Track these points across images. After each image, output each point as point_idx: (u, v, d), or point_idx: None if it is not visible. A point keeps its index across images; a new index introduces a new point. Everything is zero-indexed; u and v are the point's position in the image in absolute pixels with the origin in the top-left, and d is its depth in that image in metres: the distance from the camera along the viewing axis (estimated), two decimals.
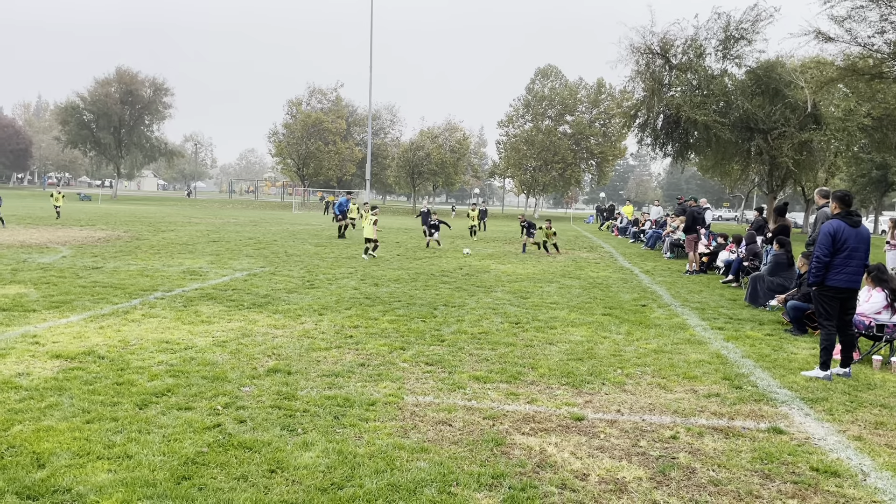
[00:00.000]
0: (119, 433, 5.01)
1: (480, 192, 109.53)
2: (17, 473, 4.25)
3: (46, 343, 7.57)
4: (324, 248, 21.76)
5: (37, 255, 16.05)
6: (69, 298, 10.41)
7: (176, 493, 4.11)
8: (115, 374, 6.47)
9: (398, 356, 7.70)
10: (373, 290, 12.70)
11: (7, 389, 5.88)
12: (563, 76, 72.27)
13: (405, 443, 5.09)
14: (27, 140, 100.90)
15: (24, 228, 24.72)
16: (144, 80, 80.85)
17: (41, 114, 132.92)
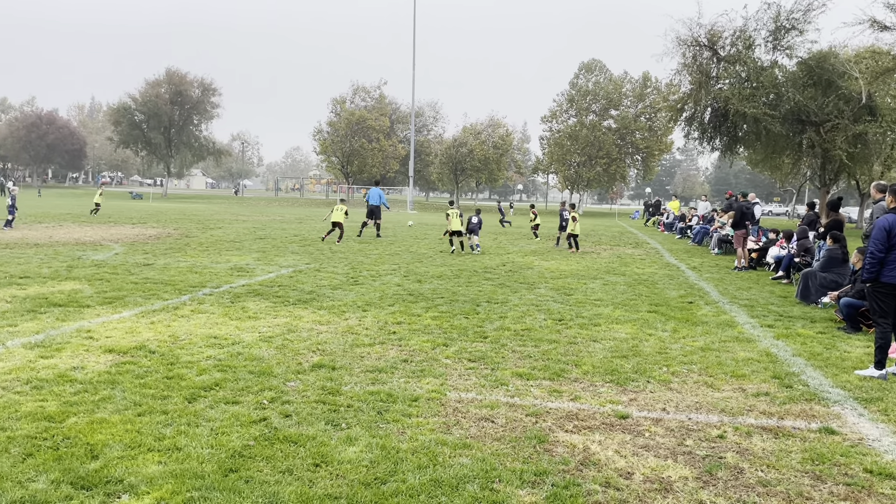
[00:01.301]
0: (169, 426, 5.14)
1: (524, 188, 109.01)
2: (72, 464, 4.40)
3: (100, 338, 7.81)
4: (367, 244, 21.93)
5: (91, 253, 16.56)
6: (122, 294, 10.71)
7: (223, 485, 4.19)
8: (166, 369, 6.64)
9: (441, 352, 7.72)
10: (416, 286, 12.76)
11: (63, 382, 6.09)
12: (607, 70, 71.41)
13: (448, 439, 5.10)
14: (82, 140, 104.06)
15: (78, 226, 25.53)
16: (193, 80, 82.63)
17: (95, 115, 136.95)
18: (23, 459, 4.44)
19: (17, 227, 23.57)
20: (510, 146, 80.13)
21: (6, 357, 6.84)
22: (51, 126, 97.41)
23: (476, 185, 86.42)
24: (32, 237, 20.27)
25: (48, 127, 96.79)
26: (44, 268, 13.42)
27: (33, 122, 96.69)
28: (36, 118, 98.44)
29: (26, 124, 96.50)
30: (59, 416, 5.25)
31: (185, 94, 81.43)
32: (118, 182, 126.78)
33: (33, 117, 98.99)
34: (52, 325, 8.39)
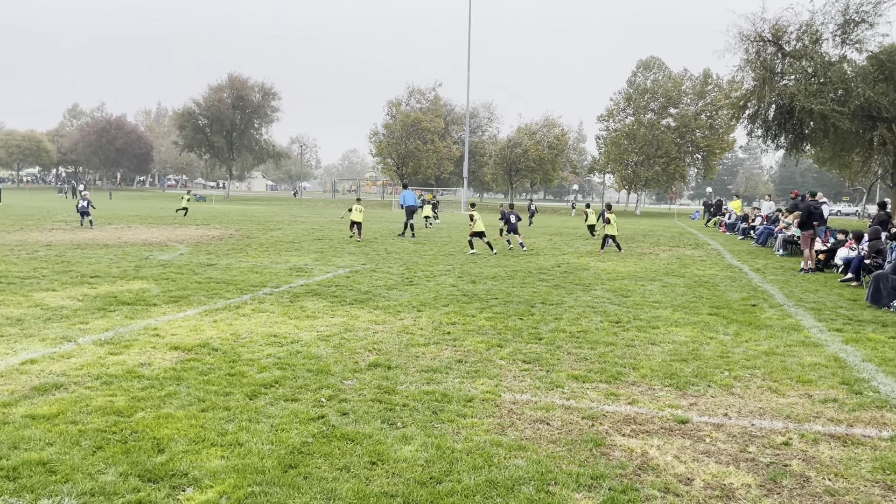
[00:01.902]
0: (231, 422, 5.28)
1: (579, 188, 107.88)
2: (140, 457, 4.56)
3: (166, 335, 8.07)
4: (422, 245, 22.06)
5: (157, 253, 17.14)
6: (186, 294, 11.05)
7: (283, 480, 4.28)
8: (228, 366, 6.82)
9: (495, 353, 7.71)
10: (470, 287, 12.77)
11: (131, 378, 6.32)
12: (666, 67, 69.99)
13: (503, 440, 5.09)
14: (149, 145, 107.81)
15: (146, 228, 26.45)
16: (254, 85, 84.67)
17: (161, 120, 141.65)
18: (93, 452, 4.62)
19: (88, 230, 24.58)
20: (565, 146, 79.36)
21: (78, 353, 7.14)
22: (119, 131, 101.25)
23: (531, 186, 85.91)
24: (103, 238, 21.10)
25: (117, 132, 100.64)
26: (113, 267, 13.95)
27: (103, 128, 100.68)
28: (106, 123, 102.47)
29: (96, 129, 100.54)
30: (127, 410, 5.45)
31: (246, 98, 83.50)
32: (183, 185, 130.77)
33: (103, 122, 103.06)
34: (120, 322, 8.72)
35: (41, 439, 4.78)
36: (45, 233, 22.39)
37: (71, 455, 4.53)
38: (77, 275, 12.68)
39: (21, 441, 4.73)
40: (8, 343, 7.45)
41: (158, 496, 4.03)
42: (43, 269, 13.28)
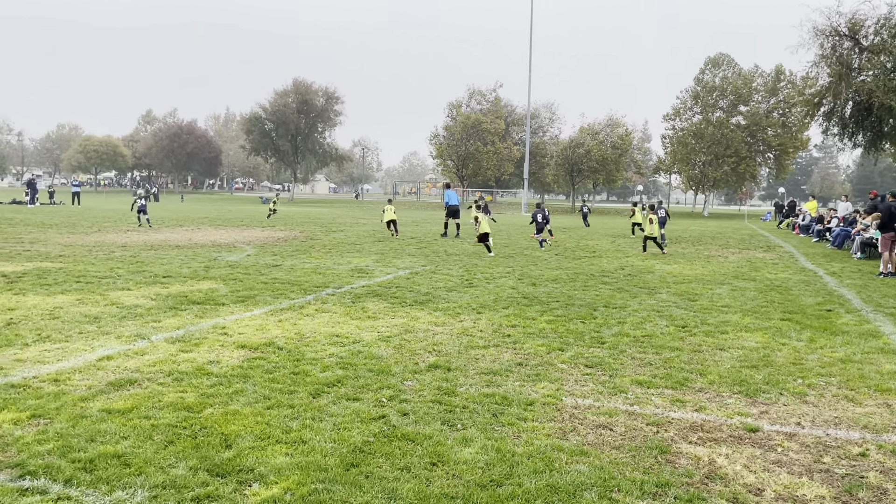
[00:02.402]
0: (295, 419, 5.38)
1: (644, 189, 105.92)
2: (209, 452, 4.69)
3: (233, 334, 8.30)
4: (482, 247, 22.02)
5: (225, 254, 17.64)
6: (253, 294, 11.33)
7: (345, 478, 4.34)
8: (292, 365, 6.96)
9: (556, 357, 7.62)
10: (530, 289, 12.67)
11: (200, 375, 6.52)
12: (735, 64, 67.91)
13: (564, 444, 5.03)
14: (217, 149, 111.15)
15: (215, 229, 27.27)
16: (318, 89, 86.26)
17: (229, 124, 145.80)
18: (165, 446, 4.78)
19: (160, 230, 25.51)
20: (630, 146, 77.97)
21: (151, 350, 7.41)
22: (190, 136, 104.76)
23: (593, 187, 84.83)
24: (174, 239, 21.86)
25: (188, 136, 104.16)
26: (184, 268, 14.43)
27: (175, 133, 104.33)
28: (177, 129, 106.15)
29: (169, 134, 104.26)
30: (196, 406, 5.62)
31: (310, 102, 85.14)
32: (249, 188, 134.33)
33: (175, 128, 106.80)
34: (191, 321, 9.01)
35: (116, 433, 4.97)
36: (121, 234, 23.35)
37: (144, 449, 4.70)
38: (150, 275, 13.17)
39: (97, 434, 4.93)
40: (86, 340, 7.79)
41: (226, 490, 4.14)
42: (119, 269, 13.84)
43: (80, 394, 5.84)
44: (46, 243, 19.11)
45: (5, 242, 18.98)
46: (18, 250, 16.99)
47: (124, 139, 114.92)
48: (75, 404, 5.56)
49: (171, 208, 49.52)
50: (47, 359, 6.93)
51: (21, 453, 4.57)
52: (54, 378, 6.26)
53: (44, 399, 5.66)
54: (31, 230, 23.71)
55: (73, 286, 11.51)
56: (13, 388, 5.92)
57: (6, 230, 23.27)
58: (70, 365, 6.72)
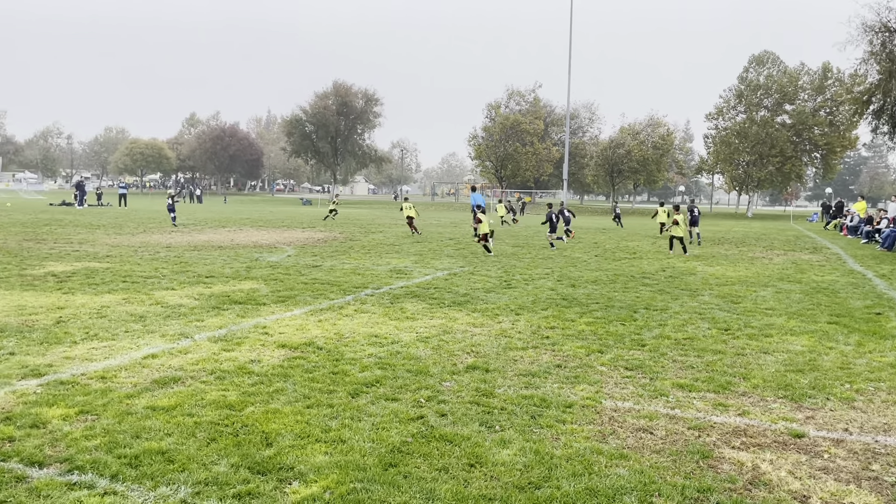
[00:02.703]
0: (334, 419, 5.43)
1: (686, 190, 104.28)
2: (250, 450, 4.76)
3: (274, 334, 8.41)
4: (521, 248, 21.95)
5: (267, 255, 17.90)
6: (293, 294, 11.47)
7: (384, 478, 4.36)
8: (331, 364, 7.02)
9: (596, 359, 7.55)
10: (570, 291, 12.58)
11: (242, 374, 6.62)
12: (780, 62, 66.43)
13: (603, 448, 4.97)
14: (259, 151, 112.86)
15: (256, 230, 27.69)
16: (357, 91, 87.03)
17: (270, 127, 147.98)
18: (207, 443, 4.87)
19: (203, 231, 26.00)
20: (671, 146, 76.88)
21: (194, 349, 7.55)
22: (233, 138, 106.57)
23: (634, 187, 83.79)
24: (217, 240, 22.26)
25: (230, 139, 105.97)
26: (226, 268, 14.68)
27: (218, 135, 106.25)
28: (220, 131, 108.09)
29: (212, 137, 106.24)
30: (238, 404, 5.71)
31: (350, 104, 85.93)
32: (290, 189, 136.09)
33: (218, 130, 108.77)
34: (233, 320, 9.16)
35: (160, 430, 5.08)
36: (165, 235, 23.87)
37: (187, 445, 4.80)
38: (194, 275, 13.43)
39: (142, 431, 5.05)
40: (132, 338, 7.98)
41: (266, 488, 4.20)
42: (163, 270, 14.15)
43: (126, 391, 5.98)
44: (94, 244, 19.64)
45: (55, 243, 19.56)
46: (68, 250, 17.50)
47: (169, 142, 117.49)
48: (121, 401, 5.70)
49: (213, 210, 50.47)
50: (95, 356, 7.12)
51: (69, 448, 4.70)
52: (101, 375, 6.43)
53: (91, 396, 5.81)
54: (80, 231, 24.39)
55: (120, 286, 11.80)
56: (62, 385, 6.09)
57: (56, 231, 23.98)
58: (116, 363, 6.89)
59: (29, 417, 5.23)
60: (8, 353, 7.09)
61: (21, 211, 38.53)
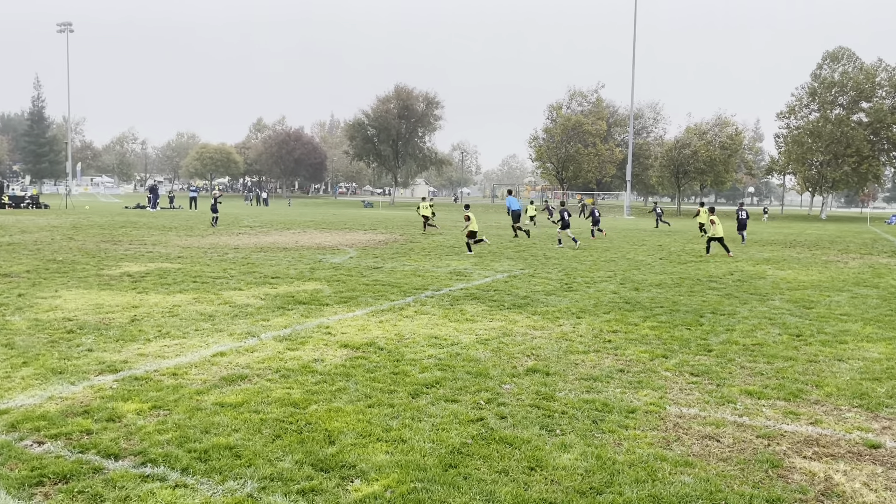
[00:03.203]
0: (395, 419, 5.49)
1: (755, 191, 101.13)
2: (313, 447, 4.86)
3: (337, 334, 8.55)
4: (582, 251, 21.70)
5: (329, 256, 18.22)
6: (355, 295, 11.65)
7: (443, 479, 4.38)
8: (392, 365, 7.10)
9: (660, 364, 7.40)
10: (633, 294, 12.36)
11: (306, 373, 6.76)
12: (857, 58, 63.75)
13: (668, 454, 4.87)
14: (323, 155, 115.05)
15: (319, 232, 28.23)
16: (419, 95, 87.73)
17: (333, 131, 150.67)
18: (272, 440, 4.99)
19: (269, 233, 26.65)
20: (740, 146, 74.64)
21: (260, 348, 7.75)
22: (297, 142, 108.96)
23: (700, 189, 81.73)
24: (282, 242, 22.79)
25: (295, 143, 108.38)
26: (291, 269, 15.01)
27: (283, 140, 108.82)
28: (286, 136, 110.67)
29: (277, 141, 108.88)
30: (302, 402, 5.83)
31: (411, 108, 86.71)
32: (352, 192, 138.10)
33: (283, 135, 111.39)
34: (297, 320, 9.36)
35: (228, 426, 5.24)
36: (233, 237, 24.57)
37: (253, 441, 4.93)
38: (260, 276, 13.79)
39: (211, 426, 5.21)
40: (201, 337, 8.24)
41: (329, 485, 4.27)
42: (231, 270, 14.57)
43: (196, 387, 6.19)
44: (167, 245, 20.39)
45: (130, 244, 20.39)
46: (142, 252, 18.21)
47: (237, 146, 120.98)
48: (191, 397, 5.90)
49: (278, 212, 51.68)
50: (167, 354, 7.39)
51: (143, 442, 4.89)
52: (173, 372, 6.67)
53: (163, 392, 6.04)
54: (153, 233, 25.35)
55: (190, 286, 12.21)
56: (136, 381, 6.35)
57: (131, 233, 24.99)
58: (187, 360, 7.14)
59: (105, 411, 5.47)
60: (86, 350, 7.43)
61: (98, 214, 40.32)
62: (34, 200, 47.84)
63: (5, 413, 5.36)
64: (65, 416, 5.33)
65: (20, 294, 10.85)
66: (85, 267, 14.55)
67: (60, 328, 8.46)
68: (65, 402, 5.67)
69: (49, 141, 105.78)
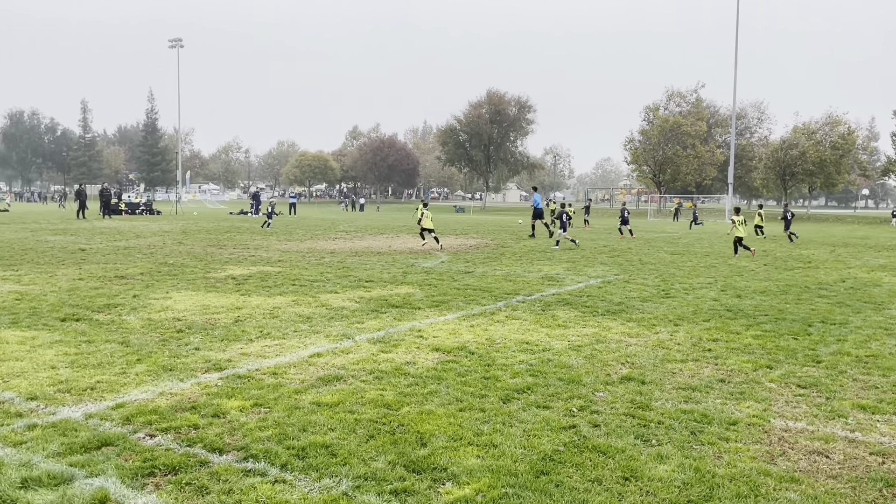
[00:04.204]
0: (486, 423, 5.49)
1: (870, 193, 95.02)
2: (405, 449, 4.93)
3: (428, 337, 8.65)
4: (680, 256, 21.01)
5: (421, 261, 18.45)
6: (446, 299, 11.74)
7: (535, 485, 4.34)
8: (483, 369, 7.11)
9: (764, 375, 7.06)
10: (735, 301, 11.86)
11: (398, 375, 6.87)
12: None
13: (772, 469, 4.64)
14: (415, 160, 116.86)
15: (412, 237, 28.62)
16: (511, 99, 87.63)
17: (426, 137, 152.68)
18: (366, 440, 5.10)
19: (364, 238, 27.27)
20: (852, 145, 70.31)
21: (355, 349, 7.94)
22: (391, 149, 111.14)
23: (809, 191, 77.52)
24: (376, 246, 23.27)
25: (389, 150, 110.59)
26: (384, 273, 15.31)
27: (378, 146, 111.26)
28: (380, 143, 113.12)
29: (372, 148, 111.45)
30: (395, 404, 5.93)
31: (503, 112, 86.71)
32: (444, 197, 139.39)
33: (377, 142, 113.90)
34: (390, 323, 9.53)
35: (325, 424, 5.39)
36: (330, 241, 25.29)
37: (348, 441, 5.05)
38: (355, 279, 14.13)
39: (309, 425, 5.38)
40: (300, 338, 8.53)
41: (421, 487, 4.32)
42: (328, 274, 15.00)
43: (295, 387, 6.40)
44: (268, 249, 21.23)
45: (234, 248, 21.37)
46: (245, 255, 19.04)
47: (333, 154, 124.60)
48: (290, 396, 6.11)
49: (371, 217, 52.85)
50: (267, 353, 7.69)
51: (245, 438, 5.11)
52: (273, 371, 6.93)
53: (264, 390, 6.29)
54: (255, 238, 26.46)
55: (290, 289, 12.66)
56: (239, 379, 6.64)
57: (235, 238, 26.18)
58: (286, 360, 7.40)
59: (211, 408, 5.75)
60: (194, 349, 7.83)
61: (206, 219, 42.48)
62: (148, 207, 50.98)
63: (121, 407, 5.73)
64: (174, 411, 5.64)
65: (135, 295, 11.58)
66: (193, 270, 15.36)
67: (171, 328, 8.97)
68: (174, 398, 6.00)
69: (161, 151, 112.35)
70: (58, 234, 26.52)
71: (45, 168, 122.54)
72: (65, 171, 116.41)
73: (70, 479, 4.33)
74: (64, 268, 15.21)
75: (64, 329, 8.71)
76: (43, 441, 4.94)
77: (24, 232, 27.09)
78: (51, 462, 4.58)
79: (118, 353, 7.52)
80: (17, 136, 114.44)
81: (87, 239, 24.00)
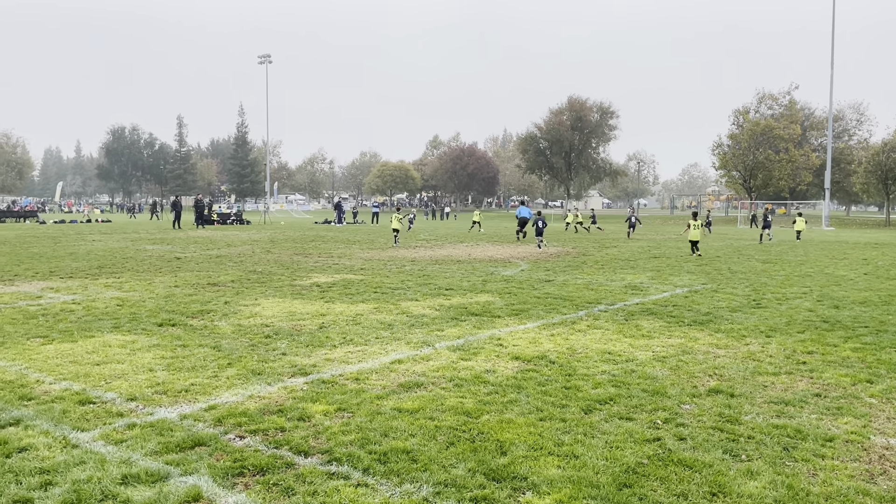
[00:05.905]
0: (567, 433, 5.42)
1: None
2: (485, 457, 4.93)
3: (508, 346, 8.62)
4: (772, 265, 20.15)
5: (501, 269, 18.42)
6: (526, 307, 11.67)
7: (617, 498, 4.25)
8: (564, 379, 7.02)
9: (863, 389, 6.68)
10: (832, 312, 11.28)
11: (478, 383, 6.88)
12: None
13: (871, 489, 4.38)
14: (495, 169, 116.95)
15: (492, 245, 28.63)
16: (592, 105, 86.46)
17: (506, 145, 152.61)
18: (446, 447, 5.13)
19: (444, 246, 27.47)
20: None
21: (435, 357, 8.01)
22: (471, 157, 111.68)
23: None
24: (456, 255, 23.39)
25: (469, 158, 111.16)
26: (464, 281, 15.37)
27: (458, 155, 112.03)
28: (460, 151, 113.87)
29: (452, 157, 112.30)
30: (474, 412, 5.94)
31: (584, 119, 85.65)
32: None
33: (458, 151, 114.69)
34: (470, 331, 9.56)
35: (405, 430, 5.46)
36: (411, 250, 25.61)
37: (428, 447, 5.10)
38: (435, 287, 14.25)
39: (390, 430, 5.46)
40: (381, 345, 8.67)
41: (501, 495, 4.31)
42: (408, 282, 15.19)
43: (376, 392, 6.52)
44: (351, 258, 21.70)
45: (319, 257, 21.94)
46: (329, 263, 19.53)
47: (414, 163, 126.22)
48: (372, 401, 6.22)
49: (451, 226, 53.14)
50: (350, 359, 7.86)
51: (329, 441, 5.23)
52: (356, 377, 7.08)
53: (347, 395, 6.42)
54: (339, 246, 27.10)
55: (372, 296, 12.90)
56: (324, 384, 6.81)
57: (320, 246, 26.89)
58: (368, 366, 7.54)
59: (297, 411, 5.92)
60: (280, 354, 8.09)
61: (292, 229, 43.83)
62: (238, 217, 53.08)
63: (213, 409, 5.98)
64: (262, 414, 5.84)
65: (226, 301, 12.06)
66: (280, 277, 15.87)
67: (259, 333, 9.30)
68: (262, 401, 6.21)
69: (251, 163, 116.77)
70: (155, 243, 27.99)
71: (143, 181, 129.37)
72: (162, 183, 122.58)
73: (166, 476, 4.56)
74: (161, 275, 16.02)
75: (161, 334, 9.18)
76: (141, 440, 5.21)
77: (124, 241, 28.72)
78: (149, 460, 4.84)
79: (210, 357, 7.86)
80: (118, 150, 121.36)
81: (182, 248, 25.22)
